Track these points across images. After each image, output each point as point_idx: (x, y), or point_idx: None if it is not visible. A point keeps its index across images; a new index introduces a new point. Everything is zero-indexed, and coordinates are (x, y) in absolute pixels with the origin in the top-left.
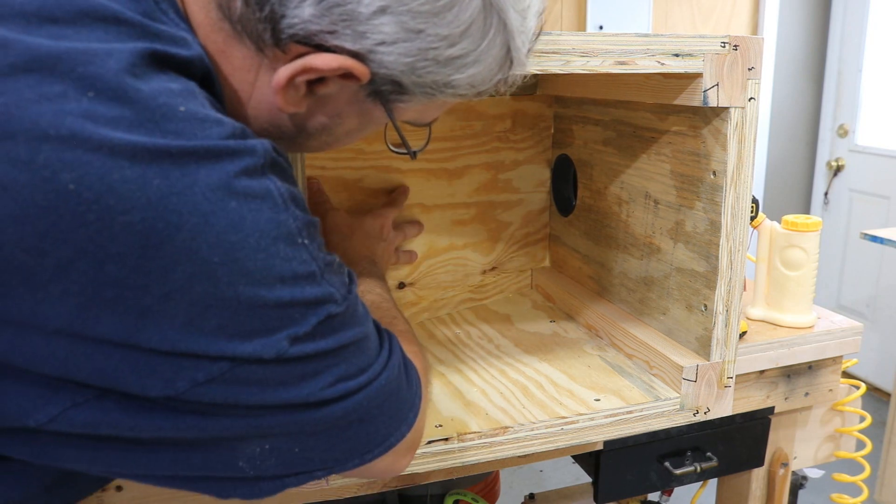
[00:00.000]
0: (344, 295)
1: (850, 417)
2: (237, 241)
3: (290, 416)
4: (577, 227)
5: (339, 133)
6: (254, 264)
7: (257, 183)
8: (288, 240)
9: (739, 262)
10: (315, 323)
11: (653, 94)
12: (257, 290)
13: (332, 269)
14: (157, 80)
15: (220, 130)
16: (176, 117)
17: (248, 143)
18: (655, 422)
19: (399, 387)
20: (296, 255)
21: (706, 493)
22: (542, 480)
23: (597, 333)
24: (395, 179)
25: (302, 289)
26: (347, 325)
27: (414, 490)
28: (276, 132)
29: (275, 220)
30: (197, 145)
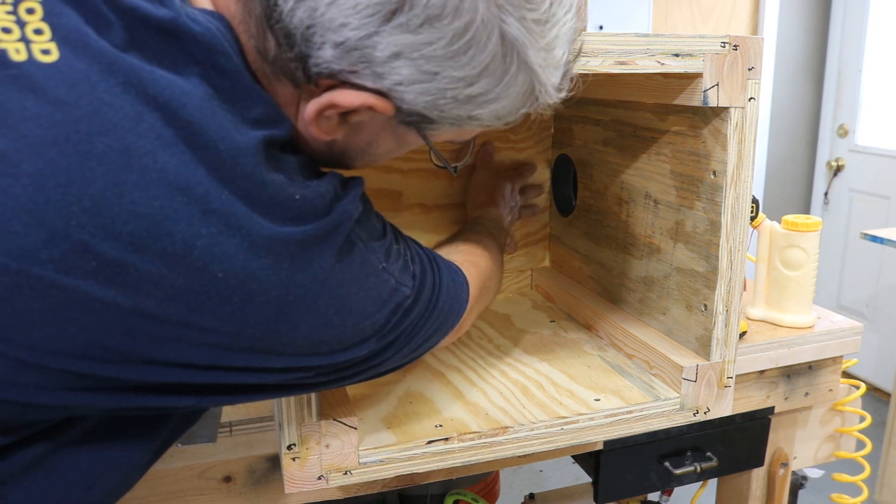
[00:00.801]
0: (412, 284)
1: (850, 417)
2: (345, 293)
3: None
4: (577, 227)
5: (379, 154)
6: (356, 304)
7: (354, 240)
8: (374, 273)
9: (739, 262)
10: (395, 319)
11: (653, 94)
12: (359, 320)
13: (403, 267)
14: (274, 173)
15: (324, 203)
16: (295, 205)
17: (343, 209)
18: (655, 422)
19: (451, 297)
20: (380, 281)
21: (706, 493)
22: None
23: (597, 333)
24: (396, 179)
25: (386, 303)
26: (421, 298)
27: (414, 490)
28: (321, 155)
29: (363, 263)
30: (312, 230)
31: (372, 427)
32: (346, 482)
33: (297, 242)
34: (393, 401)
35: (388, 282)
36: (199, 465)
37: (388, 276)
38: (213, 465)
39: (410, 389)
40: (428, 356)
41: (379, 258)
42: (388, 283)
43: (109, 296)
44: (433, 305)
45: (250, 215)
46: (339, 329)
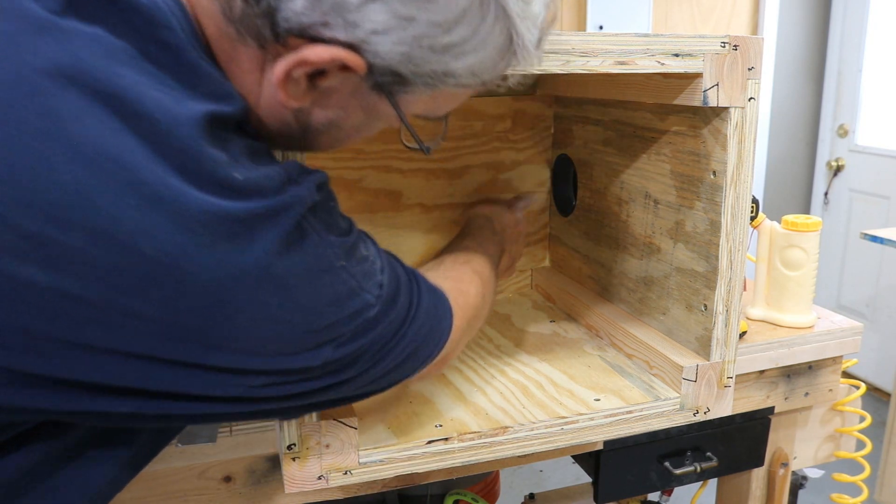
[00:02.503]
0: (378, 293)
1: (850, 417)
2: (292, 285)
3: (343, 388)
4: (577, 227)
5: (347, 128)
6: (306, 299)
7: (307, 228)
8: (330, 270)
9: (739, 262)
10: (354, 328)
11: (653, 94)
12: (309, 319)
13: (367, 272)
14: (216, 150)
15: (272, 183)
16: (237, 183)
17: (295, 193)
18: (655, 422)
19: (430, 324)
20: (337, 279)
21: (706, 493)
22: (542, 480)
23: (597, 333)
24: (396, 179)
25: (343, 305)
26: (387, 309)
27: (414, 490)
28: (285, 130)
29: (317, 256)
30: (256, 208)
31: (372, 427)
32: (346, 482)
33: (238, 220)
34: (393, 401)
35: (347, 282)
36: (199, 465)
37: (346, 275)
38: (213, 465)
39: (410, 389)
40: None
41: (337, 254)
42: (347, 284)
43: (28, 274)
44: (407, 327)
45: (185, 188)
46: (285, 327)
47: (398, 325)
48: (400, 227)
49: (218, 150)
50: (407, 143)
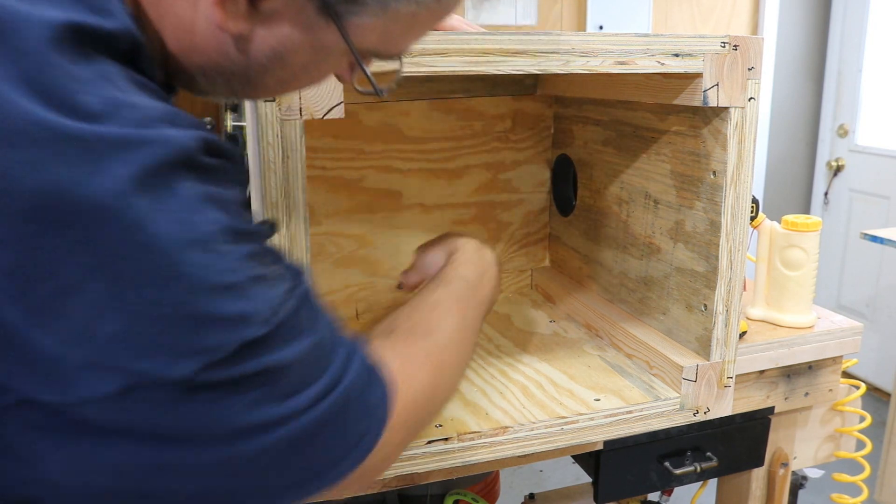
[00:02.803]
0: (270, 315)
1: (850, 417)
2: (143, 241)
3: (193, 454)
4: (577, 227)
5: (293, 65)
6: (160, 270)
7: (170, 179)
8: (203, 245)
9: (739, 262)
10: (229, 347)
11: (653, 94)
12: (160, 294)
13: (263, 284)
14: (72, 64)
15: (136, 115)
16: (88, 102)
17: (166, 133)
18: (655, 422)
19: (336, 424)
20: (211, 263)
21: (706, 493)
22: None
23: (597, 333)
24: (396, 179)
25: (219, 302)
26: (274, 347)
27: (414, 490)
28: (225, 63)
29: (187, 223)
30: (104, 132)
31: None
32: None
33: (75, 139)
34: None
35: (225, 274)
36: None
37: (226, 265)
38: None
39: None
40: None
41: (215, 232)
42: (225, 276)
43: None
44: (319, 409)
45: (14, 95)
46: (127, 293)
47: (309, 405)
48: (400, 227)
49: (73, 65)
50: (359, 86)
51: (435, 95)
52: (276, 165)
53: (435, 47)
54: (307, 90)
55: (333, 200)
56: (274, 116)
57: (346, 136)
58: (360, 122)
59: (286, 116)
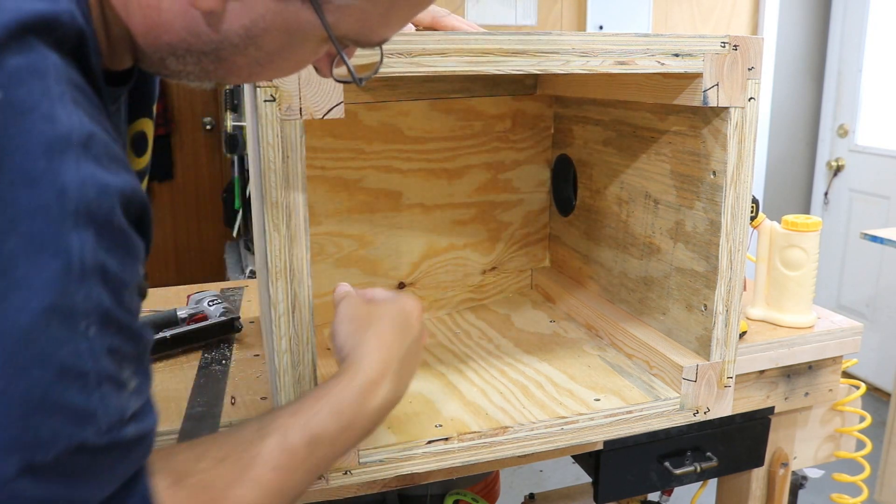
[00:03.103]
0: (112, 424)
1: (850, 417)
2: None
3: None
4: (577, 227)
5: (267, 48)
6: (9, 325)
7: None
8: (65, 318)
9: (739, 262)
10: (61, 446)
11: (653, 94)
12: (4, 358)
13: (115, 388)
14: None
15: (39, 131)
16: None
17: (63, 173)
18: (655, 422)
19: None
20: (68, 341)
21: (706, 493)
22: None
23: (597, 333)
24: (396, 179)
25: (63, 387)
26: (104, 467)
27: (414, 490)
28: (195, 42)
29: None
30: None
31: None
32: (345, 482)
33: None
34: None
35: (82, 359)
36: None
37: (86, 349)
38: None
39: (410, 389)
40: (428, 356)
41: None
42: (80, 361)
43: None
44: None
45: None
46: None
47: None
48: (400, 227)
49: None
50: (338, 76)
51: (435, 95)
52: (276, 165)
53: (435, 47)
54: (307, 90)
55: (333, 200)
56: (274, 116)
57: (346, 136)
58: (360, 122)
59: (286, 116)
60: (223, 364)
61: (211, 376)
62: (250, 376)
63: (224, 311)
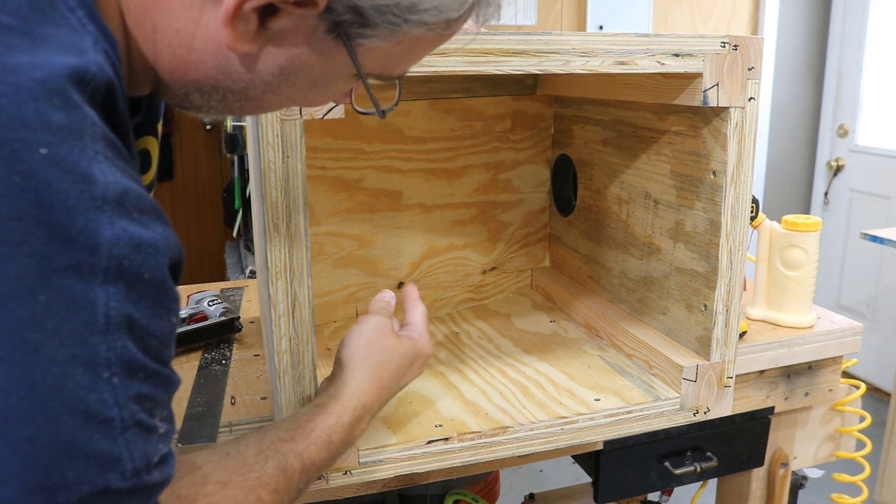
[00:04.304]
0: (139, 469)
1: (850, 417)
2: (32, 340)
3: None
4: (577, 227)
5: (299, 84)
6: (42, 376)
7: (82, 288)
8: (89, 367)
9: (739, 262)
10: (85, 489)
11: (653, 94)
12: (25, 409)
13: (143, 434)
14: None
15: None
16: (29, 159)
17: (96, 232)
18: (655, 422)
19: None
20: (93, 389)
21: (706, 493)
22: (542, 480)
23: (597, 333)
24: (396, 179)
25: (88, 433)
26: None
27: (414, 490)
28: (225, 81)
29: (80, 339)
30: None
31: (372, 427)
32: (346, 482)
33: (1, 211)
34: (393, 401)
35: (107, 407)
36: None
37: (110, 397)
38: None
39: (410, 389)
40: None
41: (112, 364)
42: (105, 409)
43: None
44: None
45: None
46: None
47: None
48: (400, 227)
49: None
50: (358, 106)
51: (435, 95)
52: (276, 165)
53: None
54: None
55: (333, 200)
56: (274, 116)
57: (346, 136)
58: (360, 122)
59: (286, 116)
60: (223, 364)
61: (211, 376)
62: (250, 376)
63: (224, 311)
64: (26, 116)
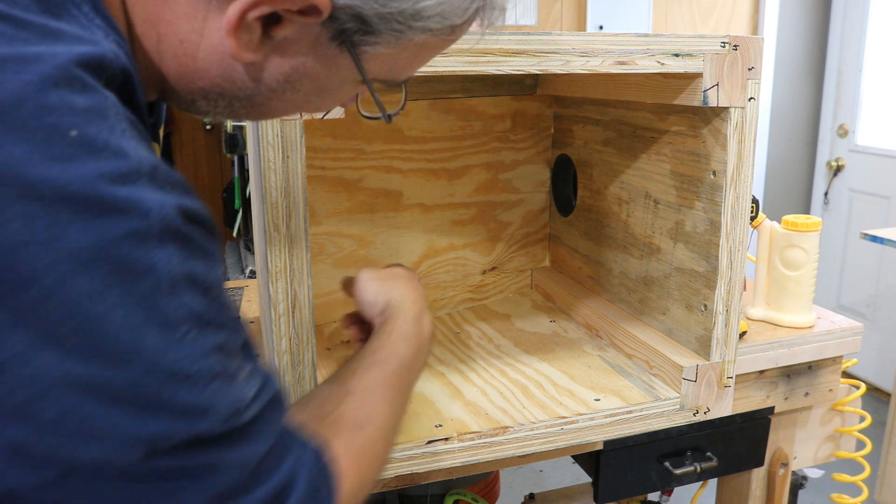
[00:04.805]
0: (230, 415)
1: (850, 417)
2: (97, 314)
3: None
4: (577, 227)
5: (304, 90)
6: (113, 346)
7: (141, 254)
8: (163, 329)
9: (739, 262)
10: (180, 438)
11: (653, 94)
12: (112, 375)
13: (227, 381)
14: (63, 91)
15: (116, 166)
16: (63, 143)
17: (144, 199)
18: (655, 422)
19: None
20: (170, 350)
21: (706, 493)
22: (542, 480)
23: (597, 333)
24: (396, 179)
25: (172, 390)
26: (226, 447)
27: (414, 490)
28: (230, 88)
29: (150, 302)
30: (77, 192)
31: None
32: None
33: (40, 199)
34: None
35: (186, 363)
36: None
37: (188, 353)
38: None
39: None
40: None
41: (183, 321)
42: (184, 365)
43: None
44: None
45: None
46: (74, 370)
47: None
48: (400, 227)
49: (73, 95)
50: (364, 111)
51: (435, 95)
52: (276, 165)
53: None
54: None
55: (333, 200)
56: None
57: (346, 136)
58: (360, 122)
59: (286, 117)
60: None
61: None
62: None
63: None
64: (52, 103)
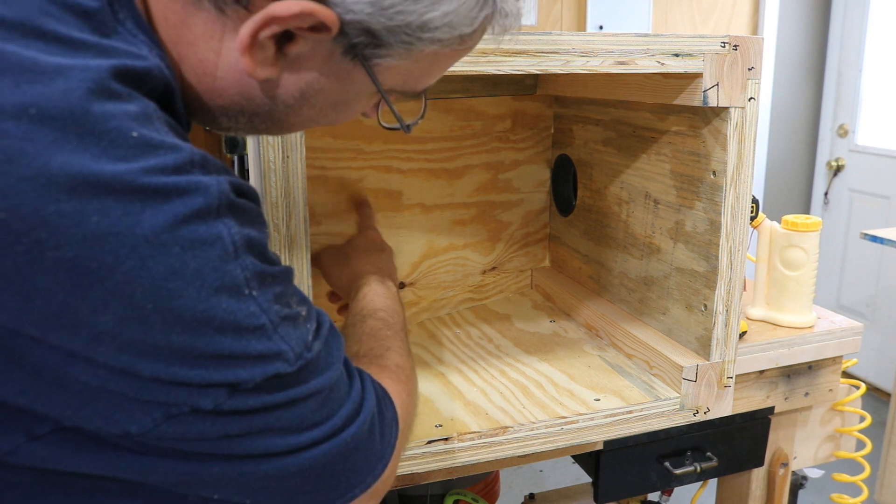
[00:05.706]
0: (300, 353)
1: (850, 417)
2: (175, 288)
3: (235, 468)
4: (577, 227)
5: (321, 104)
6: (191, 314)
7: (206, 228)
8: (232, 291)
9: (739, 262)
10: (260, 379)
11: (653, 94)
12: (193, 339)
13: (291, 324)
14: (113, 101)
15: (173, 159)
16: (126, 143)
17: (202, 180)
18: (655, 422)
19: (366, 441)
20: (240, 308)
21: (706, 493)
22: (542, 480)
23: (597, 333)
24: (396, 179)
25: (246, 342)
26: (301, 381)
27: (414, 490)
28: (249, 105)
29: (220, 270)
30: (145, 184)
31: None
32: None
33: (113, 192)
34: None
35: (256, 317)
36: None
37: (256, 308)
38: None
39: None
40: (427, 355)
41: (249, 280)
42: (255, 319)
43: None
44: (350, 431)
45: (56, 143)
46: (161, 338)
47: (351, 442)
48: (400, 227)
49: (117, 102)
50: (384, 122)
51: (435, 95)
52: (276, 165)
53: None
54: None
55: (333, 200)
56: None
57: (346, 136)
58: (360, 122)
59: None
60: None
61: None
62: None
63: None
64: (109, 110)
